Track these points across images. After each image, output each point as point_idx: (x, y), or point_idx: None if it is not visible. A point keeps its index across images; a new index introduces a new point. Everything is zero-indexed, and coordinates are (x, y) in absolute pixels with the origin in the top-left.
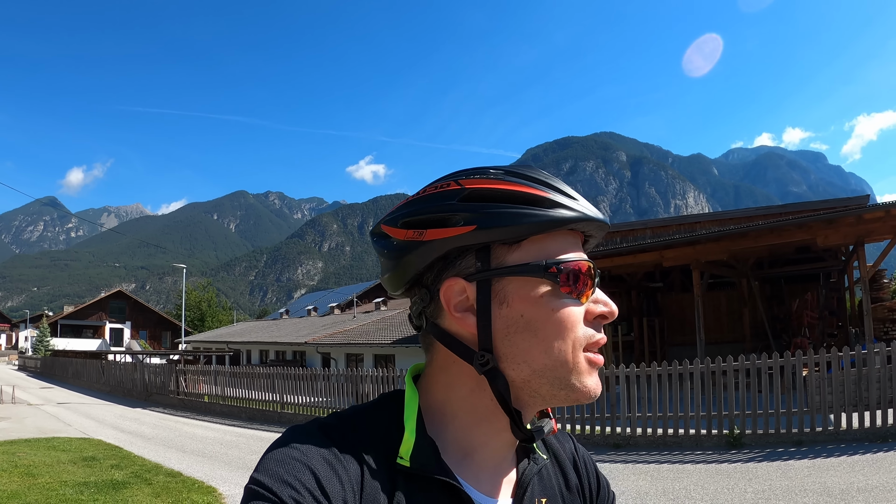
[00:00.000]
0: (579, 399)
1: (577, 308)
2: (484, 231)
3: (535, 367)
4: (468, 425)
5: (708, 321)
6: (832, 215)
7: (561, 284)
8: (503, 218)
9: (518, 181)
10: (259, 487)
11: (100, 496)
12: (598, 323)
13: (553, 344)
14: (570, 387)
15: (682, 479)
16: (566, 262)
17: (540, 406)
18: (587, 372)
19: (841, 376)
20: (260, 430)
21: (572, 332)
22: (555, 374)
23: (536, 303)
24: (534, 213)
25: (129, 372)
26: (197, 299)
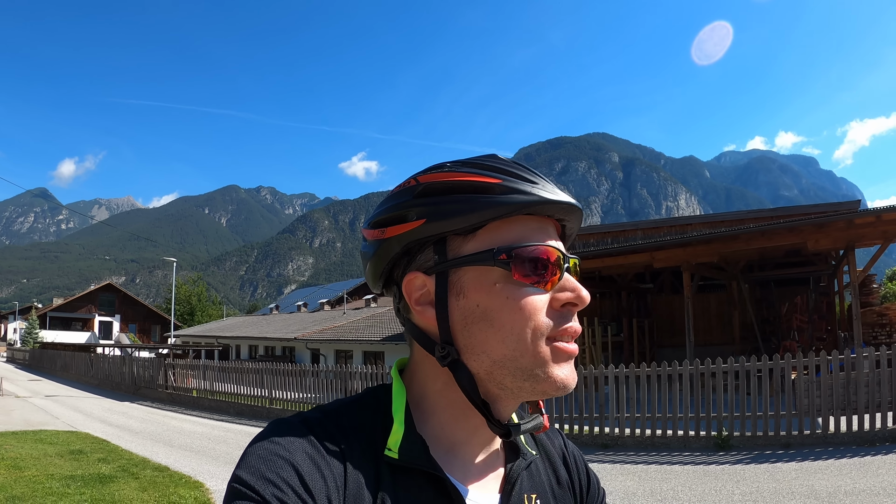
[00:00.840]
0: (547, 391)
1: (537, 296)
2: (434, 223)
3: (494, 358)
4: (448, 420)
5: (697, 323)
6: (823, 220)
7: (514, 272)
8: (451, 209)
9: (469, 171)
10: (241, 486)
11: (86, 490)
12: (567, 311)
13: (510, 333)
14: (533, 377)
15: (669, 480)
16: (520, 248)
17: (512, 399)
18: (553, 362)
19: (830, 380)
20: (248, 425)
21: (531, 320)
22: (516, 365)
23: (491, 292)
24: (483, 200)
25: (118, 365)
26: (187, 293)
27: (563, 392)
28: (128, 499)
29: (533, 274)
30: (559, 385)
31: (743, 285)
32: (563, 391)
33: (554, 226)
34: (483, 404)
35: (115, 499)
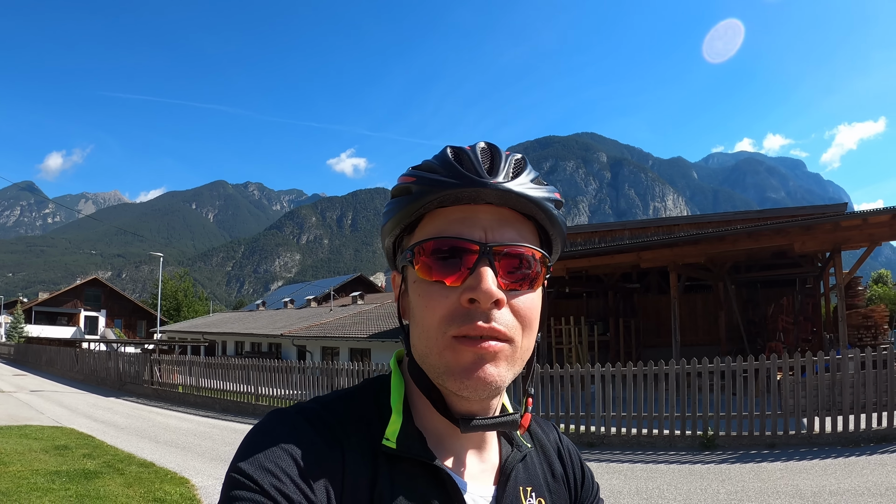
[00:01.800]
0: (454, 389)
1: (442, 291)
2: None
3: (418, 353)
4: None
5: (684, 323)
6: (810, 222)
7: (418, 269)
8: (388, 214)
9: (405, 174)
10: (240, 475)
11: (71, 485)
12: (473, 308)
13: (422, 331)
14: (441, 375)
15: (655, 479)
16: (419, 244)
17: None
18: (458, 360)
19: (815, 380)
20: (234, 421)
21: (434, 316)
22: (427, 361)
23: (412, 289)
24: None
25: (104, 361)
26: (173, 289)
27: (474, 392)
28: (113, 495)
29: (436, 269)
30: (464, 385)
31: (729, 286)
32: (474, 391)
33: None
34: (429, 394)
35: (101, 494)
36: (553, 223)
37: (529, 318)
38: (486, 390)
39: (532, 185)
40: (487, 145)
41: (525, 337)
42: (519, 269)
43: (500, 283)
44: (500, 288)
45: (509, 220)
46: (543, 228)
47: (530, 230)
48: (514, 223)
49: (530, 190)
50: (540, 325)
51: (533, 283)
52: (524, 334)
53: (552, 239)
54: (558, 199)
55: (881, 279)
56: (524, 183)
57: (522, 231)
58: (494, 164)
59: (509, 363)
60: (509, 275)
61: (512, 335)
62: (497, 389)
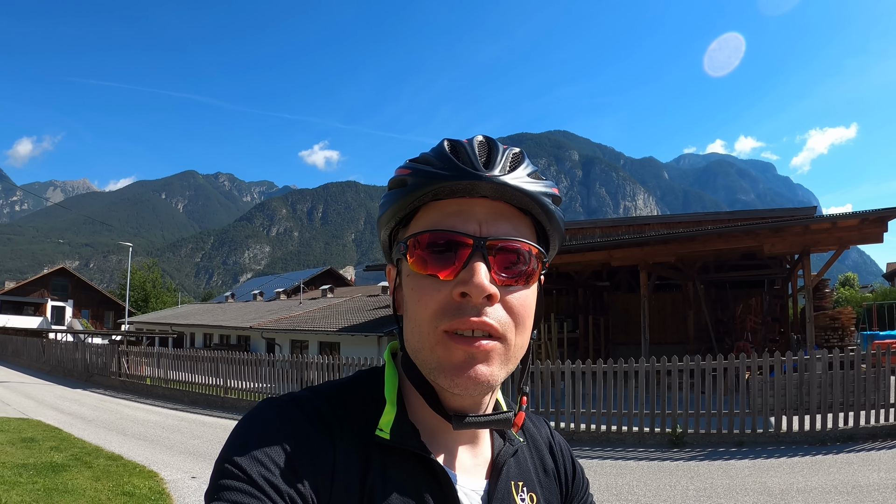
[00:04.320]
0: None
1: (434, 285)
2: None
3: (410, 347)
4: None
5: (653, 322)
6: (780, 224)
7: (411, 262)
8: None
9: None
10: (229, 464)
11: (39, 479)
12: (465, 302)
13: (414, 325)
14: (431, 371)
15: (625, 476)
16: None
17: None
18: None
19: (783, 380)
20: (202, 414)
21: (426, 310)
22: (419, 356)
23: (406, 282)
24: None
25: (71, 352)
26: (141, 279)
27: (465, 390)
28: (81, 488)
29: (430, 263)
30: (455, 382)
31: (699, 286)
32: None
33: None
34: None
35: (69, 488)
36: (550, 219)
37: (523, 316)
38: (478, 389)
39: (529, 179)
40: (485, 138)
41: (518, 334)
42: (514, 264)
43: (494, 279)
44: (494, 283)
45: (505, 215)
46: (540, 224)
47: (527, 225)
48: (510, 217)
49: (527, 184)
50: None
51: (528, 280)
52: (517, 332)
53: (549, 235)
54: (556, 194)
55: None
56: (520, 177)
57: (518, 226)
58: (491, 158)
59: (502, 362)
60: (504, 270)
61: (504, 332)
62: (488, 388)
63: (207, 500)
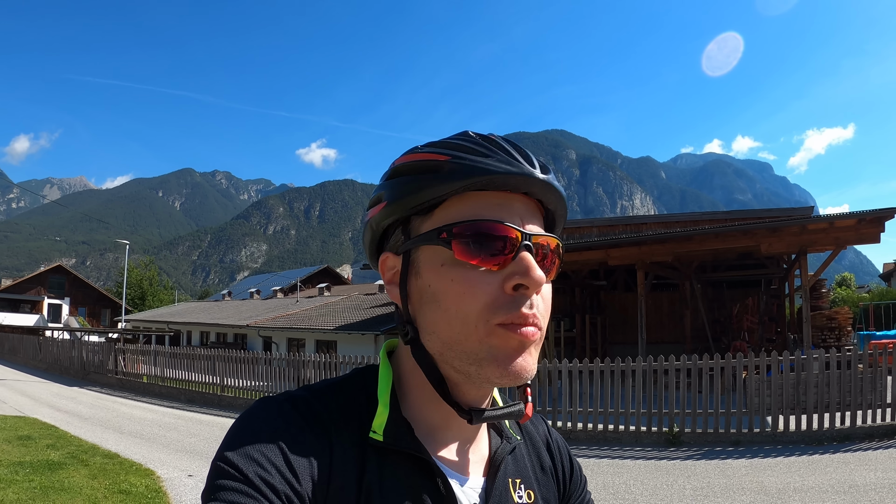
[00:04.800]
0: (491, 378)
1: (483, 276)
2: (391, 206)
3: (443, 339)
4: (423, 402)
5: (649, 321)
6: (777, 224)
7: (456, 251)
8: (405, 189)
9: (428, 150)
10: (225, 464)
11: (35, 477)
12: (520, 295)
13: (454, 315)
14: (478, 363)
15: (621, 474)
16: (462, 225)
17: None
18: (499, 348)
19: (780, 380)
20: (199, 412)
21: (474, 302)
22: (462, 348)
23: (438, 272)
24: (430, 179)
25: (67, 349)
26: (138, 277)
27: (513, 381)
28: (77, 486)
29: (478, 253)
30: (505, 373)
31: (695, 285)
32: (513, 380)
33: (525, 202)
34: (439, 385)
35: (65, 486)
36: (564, 219)
37: (550, 308)
38: (522, 379)
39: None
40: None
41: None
42: (547, 259)
43: None
44: None
45: (535, 212)
46: (554, 222)
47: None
48: (538, 215)
49: (560, 187)
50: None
51: (551, 275)
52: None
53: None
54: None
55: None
56: (554, 179)
57: (541, 223)
58: (528, 157)
59: (537, 352)
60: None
61: (542, 324)
62: (529, 378)
63: (204, 500)
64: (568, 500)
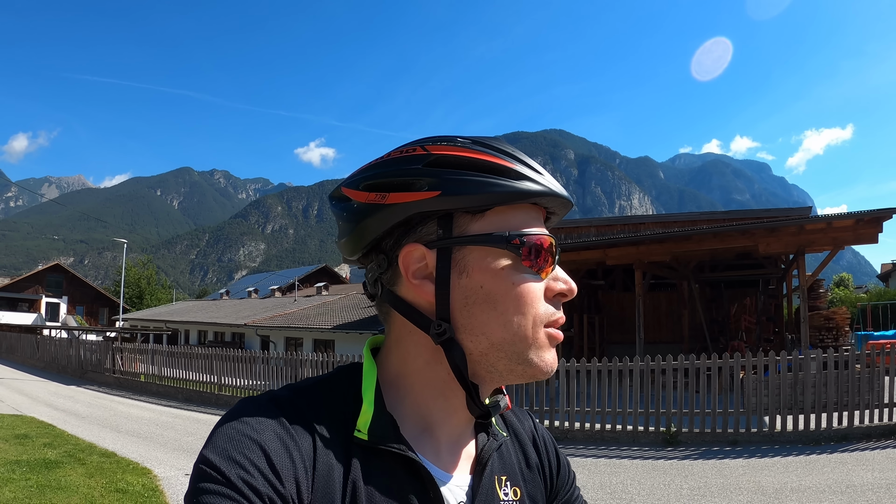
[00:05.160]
0: (536, 375)
1: (537, 283)
2: (448, 198)
3: (493, 341)
4: (425, 399)
5: (647, 321)
6: (775, 224)
7: (523, 258)
8: (469, 186)
9: (485, 150)
10: (207, 467)
11: (32, 475)
12: (557, 300)
13: (513, 318)
14: (527, 362)
15: (618, 474)
16: (529, 235)
17: (496, 382)
18: (546, 348)
19: (777, 379)
20: (197, 411)
21: (532, 307)
22: (513, 349)
23: (497, 275)
24: (500, 183)
25: (65, 348)
26: (136, 276)
27: (548, 375)
28: (74, 485)
29: (535, 261)
30: (547, 370)
31: (693, 285)
32: (549, 375)
33: (543, 214)
34: (472, 385)
35: (62, 485)
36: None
37: None
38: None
39: None
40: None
41: None
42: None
43: None
44: None
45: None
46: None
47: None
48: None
49: None
50: None
51: None
52: None
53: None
54: None
55: (842, 282)
56: None
57: None
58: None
59: None
60: None
61: None
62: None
63: (187, 503)
64: (556, 497)
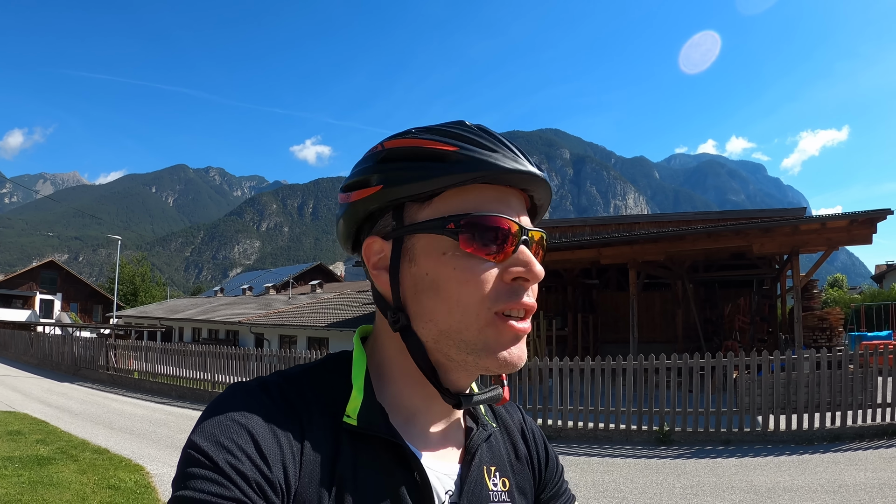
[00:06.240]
0: (490, 367)
1: (486, 267)
2: (390, 189)
3: (441, 328)
4: (404, 387)
5: (641, 320)
6: (769, 224)
7: (462, 242)
8: (406, 175)
9: (429, 137)
10: (195, 452)
11: (24, 472)
12: (518, 286)
13: (456, 304)
14: (477, 352)
15: (611, 473)
16: (470, 217)
17: (460, 371)
18: (498, 338)
19: (771, 379)
20: (190, 408)
21: (477, 292)
22: (460, 337)
23: (439, 261)
24: (437, 168)
25: (59, 345)
26: (131, 273)
27: (507, 369)
28: (67, 481)
29: (483, 245)
30: (502, 362)
31: (688, 285)
32: (508, 368)
33: (519, 196)
34: (431, 372)
35: (54, 481)
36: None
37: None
38: (518, 366)
39: None
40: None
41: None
42: (539, 253)
43: None
44: None
45: (525, 206)
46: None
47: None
48: (526, 208)
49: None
50: None
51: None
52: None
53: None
54: None
55: (836, 283)
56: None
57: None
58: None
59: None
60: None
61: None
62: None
63: (174, 488)
64: (544, 489)
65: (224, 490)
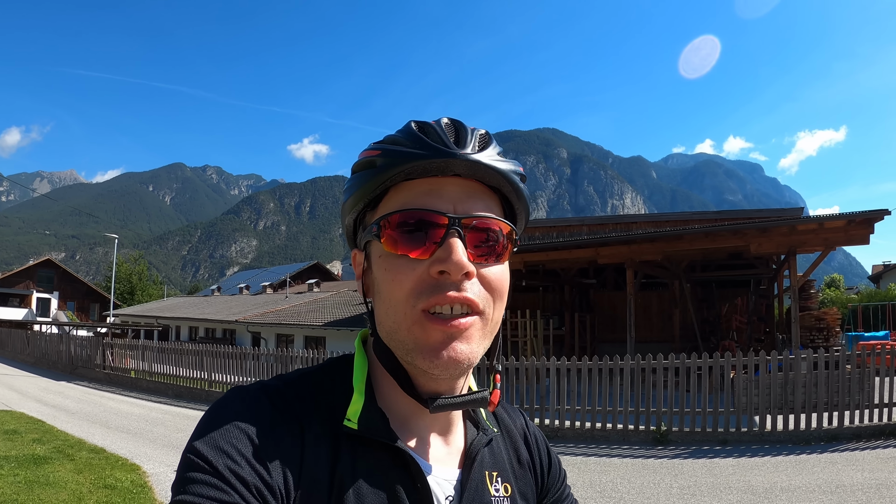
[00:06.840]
0: (424, 367)
1: (409, 264)
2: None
3: (385, 330)
4: (394, 391)
5: (638, 320)
6: (767, 224)
7: (385, 243)
8: (349, 189)
9: (369, 147)
10: (195, 456)
11: (20, 471)
12: (443, 280)
13: (389, 306)
14: (410, 352)
15: (609, 473)
16: (384, 217)
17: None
18: (426, 337)
19: (768, 379)
20: (186, 407)
21: (401, 290)
22: (396, 337)
23: (377, 263)
24: (368, 174)
25: (55, 344)
26: (127, 272)
27: (440, 369)
28: (63, 481)
29: (402, 243)
30: (435, 363)
31: (685, 285)
32: (444, 369)
33: (462, 185)
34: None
35: (50, 481)
36: (519, 197)
37: (500, 290)
38: (458, 368)
39: (499, 157)
40: (451, 120)
41: (496, 309)
42: (487, 242)
43: (470, 256)
44: (470, 260)
45: (477, 193)
46: (509, 202)
47: (496, 203)
48: (482, 196)
49: (498, 162)
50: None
51: (500, 257)
52: (495, 306)
53: (517, 213)
54: (523, 172)
55: (834, 283)
56: (492, 155)
57: (489, 204)
58: (461, 137)
59: (481, 337)
60: (476, 248)
61: (483, 307)
62: (468, 367)
63: (174, 492)
64: (546, 495)
65: (223, 495)
